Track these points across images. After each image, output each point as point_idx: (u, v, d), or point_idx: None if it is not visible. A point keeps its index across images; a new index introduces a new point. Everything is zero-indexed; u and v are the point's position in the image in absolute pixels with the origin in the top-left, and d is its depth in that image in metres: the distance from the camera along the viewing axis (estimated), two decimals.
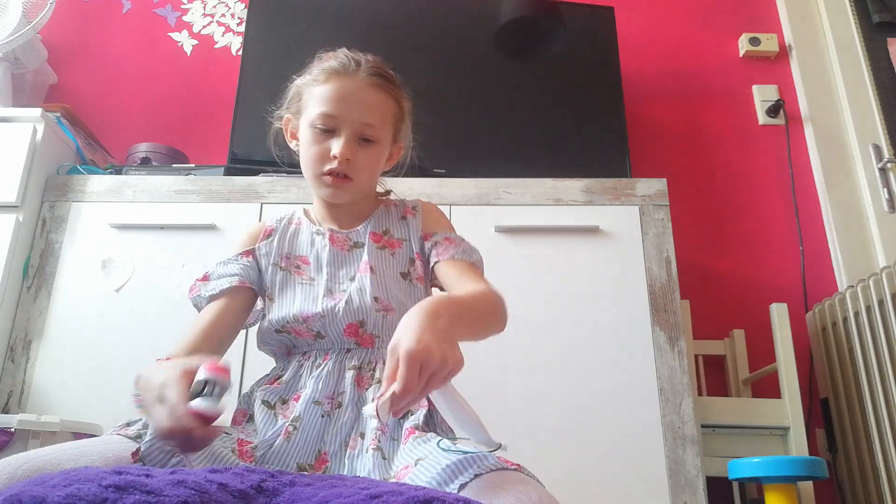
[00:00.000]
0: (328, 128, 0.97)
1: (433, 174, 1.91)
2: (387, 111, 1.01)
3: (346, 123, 0.97)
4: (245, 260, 1.02)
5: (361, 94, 0.98)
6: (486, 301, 0.91)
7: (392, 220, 1.06)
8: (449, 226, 1.08)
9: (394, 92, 1.02)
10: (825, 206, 2.26)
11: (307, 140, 0.99)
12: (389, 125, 1.02)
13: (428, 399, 0.91)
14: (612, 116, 2.10)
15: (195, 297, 1.01)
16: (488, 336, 0.92)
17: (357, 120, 0.97)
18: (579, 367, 1.64)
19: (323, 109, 0.97)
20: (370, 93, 0.98)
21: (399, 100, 1.03)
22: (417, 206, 1.09)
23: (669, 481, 1.54)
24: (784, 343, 1.80)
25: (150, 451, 0.78)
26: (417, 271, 1.01)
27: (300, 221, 1.07)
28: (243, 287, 1.00)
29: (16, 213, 1.76)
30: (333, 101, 0.97)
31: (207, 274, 1.02)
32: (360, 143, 0.98)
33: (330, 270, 0.99)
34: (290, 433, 0.86)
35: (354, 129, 0.97)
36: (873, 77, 2.35)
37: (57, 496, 0.51)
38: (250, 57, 2.10)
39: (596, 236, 1.76)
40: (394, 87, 1.02)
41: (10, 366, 1.68)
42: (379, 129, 0.99)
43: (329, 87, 0.97)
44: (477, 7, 2.23)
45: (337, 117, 0.97)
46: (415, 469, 0.77)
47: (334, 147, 0.96)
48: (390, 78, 1.02)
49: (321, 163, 0.98)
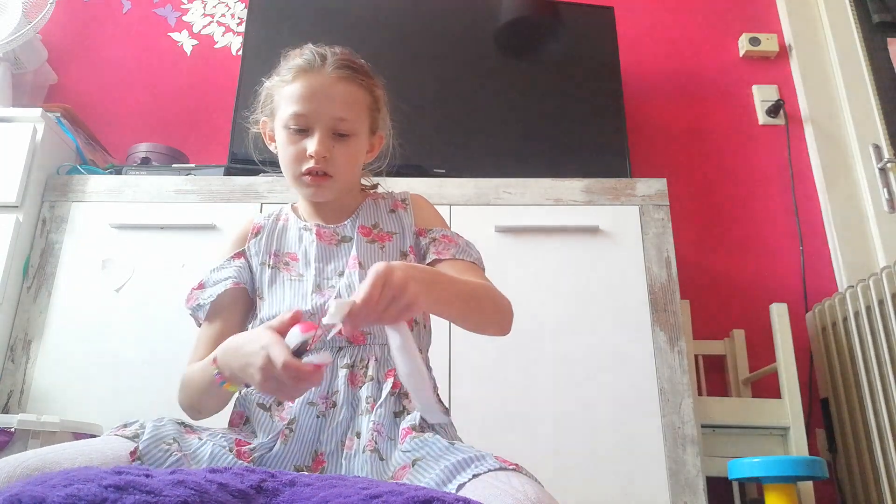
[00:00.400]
0: (301, 127, 0.96)
1: (433, 174, 1.91)
2: (359, 103, 0.99)
3: (319, 120, 0.95)
4: (237, 262, 1.02)
5: (330, 89, 0.96)
6: (485, 291, 0.91)
7: (381, 214, 1.05)
8: (442, 221, 1.07)
9: (364, 82, 0.99)
10: (825, 206, 2.26)
11: (282, 141, 0.98)
12: (364, 116, 1.00)
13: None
14: (612, 116, 2.10)
15: (194, 307, 1.00)
16: (485, 328, 0.93)
17: (329, 115, 0.95)
18: (579, 367, 1.64)
19: (294, 109, 0.95)
20: (339, 86, 0.96)
21: (371, 89, 1.01)
22: (407, 199, 1.08)
23: (669, 481, 1.54)
24: (784, 343, 1.80)
25: (149, 449, 0.78)
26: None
27: (287, 218, 1.07)
28: (239, 289, 1.00)
29: (16, 213, 1.76)
30: (303, 100, 0.95)
31: (202, 282, 1.01)
32: (336, 138, 0.96)
33: (318, 266, 0.98)
34: (287, 436, 0.86)
35: (327, 125, 0.96)
36: (873, 77, 2.35)
37: (57, 496, 0.51)
38: (250, 57, 2.10)
39: (596, 236, 1.76)
40: (364, 77, 0.99)
41: (10, 366, 1.68)
42: (353, 122, 0.97)
43: (297, 86, 0.96)
44: (477, 7, 2.23)
45: (308, 115, 0.95)
46: (413, 469, 0.77)
47: (309, 146, 0.95)
48: (359, 68, 0.99)
49: (298, 163, 0.97)
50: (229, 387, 0.85)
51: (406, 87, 2.06)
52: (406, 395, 0.90)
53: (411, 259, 1.01)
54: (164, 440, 0.80)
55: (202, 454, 0.81)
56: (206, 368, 0.87)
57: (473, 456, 0.74)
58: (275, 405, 0.91)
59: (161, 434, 0.81)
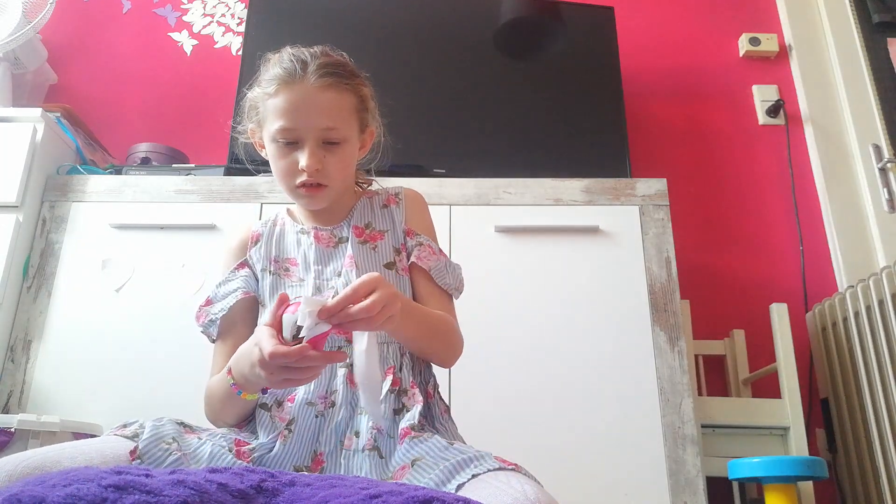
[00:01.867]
0: (290, 140, 0.94)
1: (433, 174, 1.91)
2: (346, 108, 0.97)
3: (307, 133, 0.94)
4: (242, 272, 1.02)
5: (314, 100, 0.93)
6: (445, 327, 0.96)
7: (375, 212, 1.05)
8: (431, 227, 1.07)
9: (348, 85, 0.97)
10: (825, 206, 2.26)
11: (273, 154, 0.97)
12: (352, 120, 0.98)
13: (424, 396, 0.92)
14: (612, 116, 2.10)
15: (206, 323, 1.00)
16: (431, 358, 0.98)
17: (316, 127, 0.93)
18: (579, 367, 1.64)
19: (280, 124, 0.93)
20: (323, 96, 0.94)
21: (357, 89, 0.99)
22: (400, 194, 1.08)
23: (669, 481, 1.54)
24: (784, 343, 1.80)
25: (148, 449, 0.78)
26: (403, 262, 1.01)
27: (284, 222, 1.06)
28: (250, 298, 1.00)
29: (16, 213, 1.76)
30: (288, 114, 0.93)
31: (210, 298, 1.01)
32: (326, 147, 0.95)
33: (317, 269, 0.99)
34: (286, 437, 0.86)
35: (316, 136, 0.94)
36: (873, 77, 2.35)
37: (57, 496, 0.51)
38: (250, 57, 2.10)
39: (596, 236, 1.76)
40: (347, 79, 0.97)
41: (10, 366, 1.68)
42: (342, 129, 0.95)
43: (281, 100, 0.94)
44: (477, 7, 2.23)
45: (296, 129, 0.94)
46: (412, 470, 0.77)
47: (301, 160, 0.93)
48: (341, 72, 0.96)
49: (292, 176, 0.95)
50: (246, 396, 0.86)
51: (406, 87, 2.07)
52: (405, 392, 0.91)
53: (403, 256, 1.02)
54: (163, 440, 0.80)
55: (202, 454, 0.81)
56: (222, 380, 0.88)
57: (473, 456, 0.74)
58: (274, 405, 0.91)
59: (161, 434, 0.81)
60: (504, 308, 1.68)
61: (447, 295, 1.01)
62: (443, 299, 1.00)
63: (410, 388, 0.91)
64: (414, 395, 0.90)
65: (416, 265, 0.99)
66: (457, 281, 1.02)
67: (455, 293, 1.02)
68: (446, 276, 1.00)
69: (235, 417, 0.94)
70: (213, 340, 1.01)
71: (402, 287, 0.99)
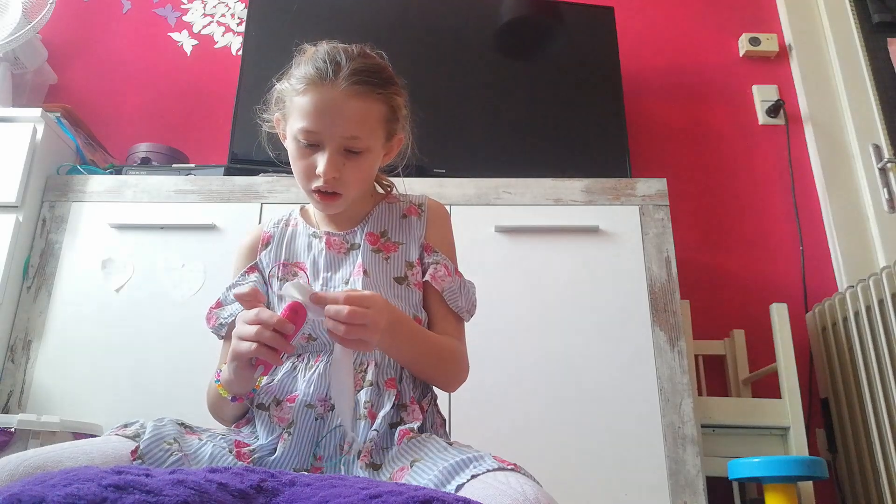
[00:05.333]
0: (311, 142, 0.92)
1: (433, 174, 1.91)
2: (373, 117, 0.93)
3: (329, 139, 0.91)
4: (252, 276, 1.02)
5: (342, 106, 0.90)
6: (449, 355, 0.96)
7: (392, 220, 1.03)
8: (451, 241, 1.05)
9: (381, 94, 0.93)
10: (825, 206, 2.26)
11: (293, 153, 0.95)
12: (379, 130, 0.95)
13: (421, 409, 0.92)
14: (613, 116, 2.10)
15: (217, 325, 1.00)
16: (430, 382, 0.98)
17: (339, 134, 0.91)
18: (579, 367, 1.64)
19: (303, 125, 0.91)
20: (352, 104, 0.90)
21: (389, 99, 0.95)
22: (424, 206, 1.05)
23: (669, 481, 1.54)
24: (784, 343, 1.80)
25: (149, 449, 0.78)
26: (416, 277, 0.99)
27: (297, 223, 1.05)
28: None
29: (16, 213, 1.76)
30: (313, 117, 0.90)
31: (220, 300, 1.01)
32: (347, 155, 0.92)
33: (326, 276, 0.98)
34: (286, 439, 0.86)
35: (338, 143, 0.91)
36: (873, 77, 2.35)
37: (56, 495, 0.51)
38: (250, 57, 2.10)
39: (596, 236, 1.76)
40: (381, 87, 0.93)
41: (10, 366, 1.68)
42: (365, 139, 0.92)
43: (308, 100, 0.91)
44: (477, 7, 2.23)
45: (319, 133, 0.91)
46: (411, 470, 0.77)
47: (319, 164, 0.91)
48: (375, 80, 0.92)
49: (308, 179, 0.94)
50: (220, 388, 0.88)
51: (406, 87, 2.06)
52: (404, 406, 0.90)
53: (417, 271, 0.99)
54: (164, 440, 0.80)
55: (202, 454, 0.81)
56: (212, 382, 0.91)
57: (472, 456, 0.74)
58: (273, 405, 0.91)
59: (162, 434, 0.81)
60: (504, 308, 1.68)
61: (457, 317, 1.00)
62: (452, 322, 0.99)
63: (410, 405, 0.91)
64: (413, 410, 0.90)
65: (430, 284, 0.98)
66: (469, 304, 1.00)
67: (466, 315, 1.01)
68: (459, 298, 0.99)
69: (231, 416, 0.96)
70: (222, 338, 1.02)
71: (412, 301, 0.97)
